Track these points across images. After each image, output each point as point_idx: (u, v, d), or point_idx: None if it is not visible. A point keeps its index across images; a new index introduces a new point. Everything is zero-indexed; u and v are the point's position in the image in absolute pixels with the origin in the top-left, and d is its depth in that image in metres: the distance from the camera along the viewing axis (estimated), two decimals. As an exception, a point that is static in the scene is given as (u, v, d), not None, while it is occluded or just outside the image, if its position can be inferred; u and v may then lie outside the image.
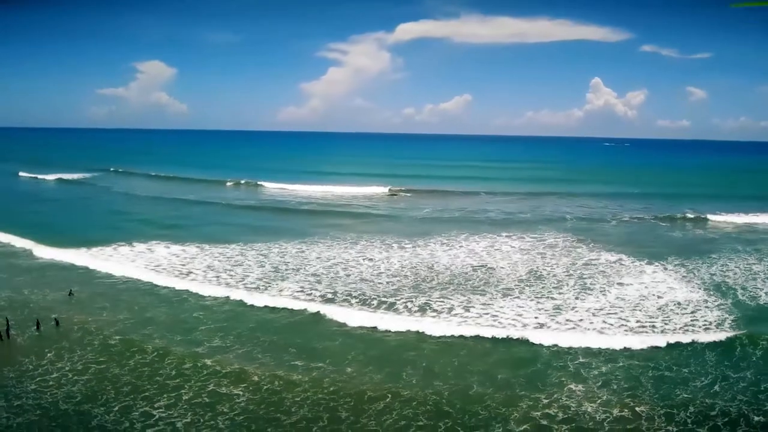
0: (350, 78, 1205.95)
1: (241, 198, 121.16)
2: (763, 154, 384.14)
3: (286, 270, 57.85)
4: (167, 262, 60.47)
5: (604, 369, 35.65)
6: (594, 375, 34.83)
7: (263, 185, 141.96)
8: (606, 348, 38.60)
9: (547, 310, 46.23)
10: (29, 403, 30.67)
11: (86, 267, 58.58)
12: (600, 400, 31.46)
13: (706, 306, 47.12)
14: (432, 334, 41.38)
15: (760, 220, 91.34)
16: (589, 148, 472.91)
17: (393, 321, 43.77)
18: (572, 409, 30.61)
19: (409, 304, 47.67)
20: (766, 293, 51.13)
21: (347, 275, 56.36)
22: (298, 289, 51.55)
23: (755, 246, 70.96)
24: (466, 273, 57.37)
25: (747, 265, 61.17)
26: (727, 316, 44.84)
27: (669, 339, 40.00)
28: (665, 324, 43.14)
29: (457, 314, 45.39)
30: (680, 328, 42.26)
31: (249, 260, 61.44)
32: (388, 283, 53.97)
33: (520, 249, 68.63)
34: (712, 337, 40.44)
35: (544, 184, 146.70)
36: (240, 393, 32.25)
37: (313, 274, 56.37)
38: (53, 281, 53.44)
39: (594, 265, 60.61)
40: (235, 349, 38.55)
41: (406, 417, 29.86)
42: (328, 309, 46.35)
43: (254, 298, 48.81)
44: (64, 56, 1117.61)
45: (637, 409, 30.50)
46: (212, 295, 50.06)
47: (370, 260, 62.20)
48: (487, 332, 41.51)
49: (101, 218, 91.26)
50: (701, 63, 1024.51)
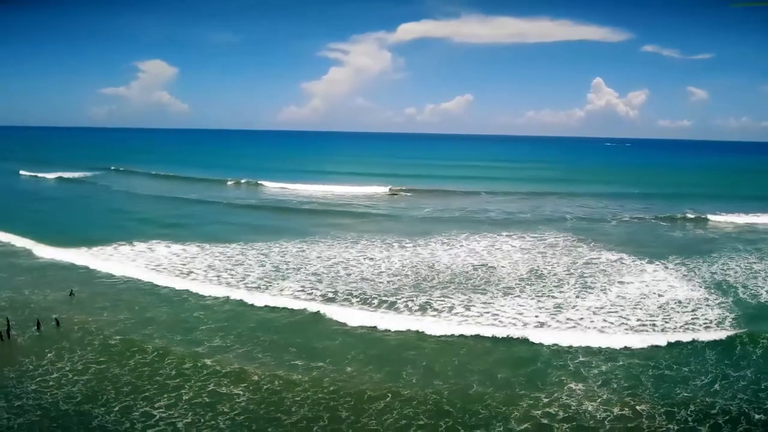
0: (351, 78, 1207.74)
1: (241, 197, 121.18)
2: (764, 154, 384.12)
3: (286, 269, 57.86)
4: (168, 261, 60.49)
5: (605, 368, 35.64)
6: (594, 374, 34.81)
7: (264, 184, 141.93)
8: (606, 347, 38.56)
9: (547, 309, 46.23)
10: (30, 404, 30.67)
11: (87, 266, 58.57)
12: (600, 399, 31.44)
13: (707, 304, 47.13)
14: (432, 333, 41.34)
15: (760, 220, 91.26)
16: (590, 148, 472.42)
17: (393, 320, 43.75)
18: (572, 408, 30.59)
19: (410, 304, 47.66)
20: (767, 292, 51.13)
21: (348, 274, 56.36)
22: (299, 289, 51.55)
23: (756, 245, 70.91)
24: (466, 272, 57.35)
25: (747, 264, 61.15)
26: (727, 314, 44.86)
27: (669, 338, 39.99)
28: (666, 322, 43.15)
29: (457, 313, 45.38)
30: (681, 327, 42.27)
31: (250, 260, 61.44)
32: (388, 282, 53.96)
33: (521, 248, 68.60)
34: (712, 335, 40.42)
35: (545, 184, 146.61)
36: (240, 393, 32.24)
37: (314, 274, 56.37)
38: (54, 281, 53.43)
39: (594, 264, 60.58)
40: (236, 349, 38.54)
41: (406, 416, 29.85)
42: (329, 308, 46.34)
43: (255, 298, 48.78)
44: (65, 56, 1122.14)
45: (637, 407, 30.48)
46: (213, 294, 50.03)
47: (371, 259, 62.19)
48: (488, 331, 41.51)
49: (102, 217, 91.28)
50: (702, 63, 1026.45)
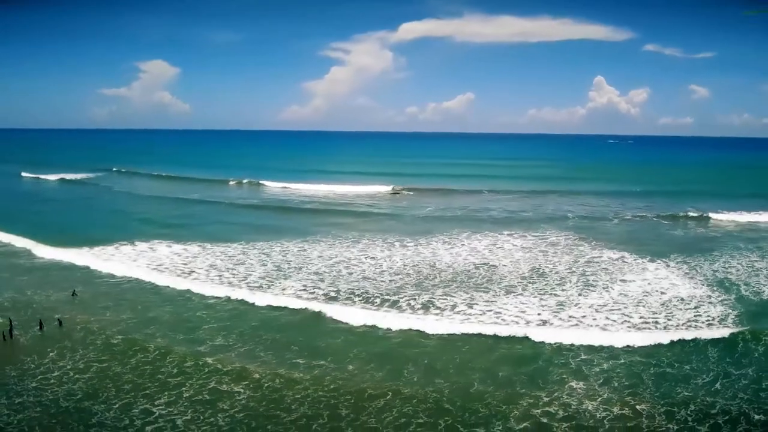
0: (353, 77, 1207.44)
1: (243, 197, 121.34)
2: (766, 151, 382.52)
3: (288, 269, 57.88)
4: (170, 261, 60.56)
5: (606, 366, 35.56)
6: (595, 372, 34.73)
7: (266, 184, 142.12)
8: (608, 345, 38.46)
9: (549, 307, 46.17)
10: (30, 401, 30.75)
11: (88, 267, 58.65)
12: (601, 398, 31.36)
13: (709, 302, 47.02)
14: (434, 331, 41.30)
15: (762, 218, 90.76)
16: (592, 145, 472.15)
17: (395, 319, 43.72)
18: (573, 407, 30.53)
19: (412, 302, 47.63)
20: (769, 290, 50.96)
21: (349, 274, 56.36)
22: (301, 288, 51.57)
23: (757, 244, 70.65)
24: (468, 271, 57.32)
25: (749, 262, 60.96)
26: (730, 312, 44.76)
27: (672, 335, 39.86)
28: (668, 320, 43.08)
29: (459, 312, 45.34)
30: (683, 324, 42.19)
31: (251, 259, 61.48)
32: (390, 281, 53.94)
33: (523, 247, 68.54)
34: (715, 333, 40.28)
35: (547, 182, 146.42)
36: (241, 391, 32.27)
37: (315, 273, 56.38)
38: (56, 281, 53.54)
39: (596, 262, 60.49)
40: (237, 348, 38.57)
41: (406, 414, 29.84)
42: (330, 307, 46.34)
43: (256, 297, 48.79)
44: (65, 56, 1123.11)
45: (637, 407, 30.39)
46: (214, 294, 50.07)
47: (373, 259, 62.18)
48: (490, 329, 41.47)
49: (103, 218, 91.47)
50: (704, 62, 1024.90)
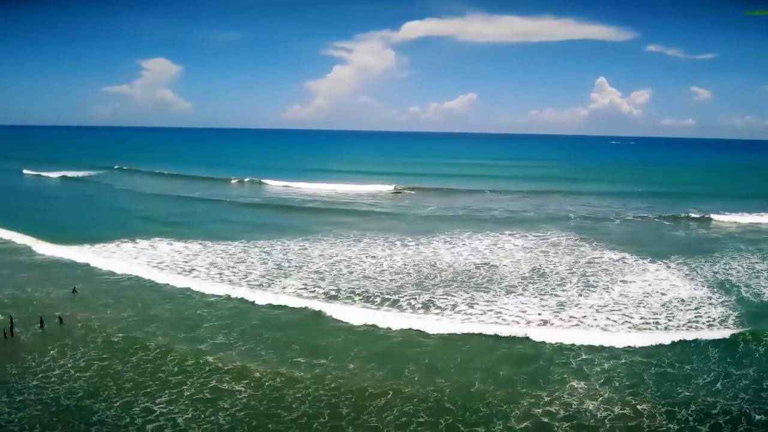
0: (355, 76, 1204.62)
1: (245, 196, 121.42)
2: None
3: (289, 267, 57.90)
4: (170, 259, 60.61)
5: (607, 366, 35.57)
6: (596, 372, 34.74)
7: (267, 183, 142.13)
8: (609, 345, 38.47)
9: (550, 307, 46.17)
10: (31, 399, 30.78)
11: (89, 264, 58.72)
12: (601, 398, 31.37)
13: (710, 303, 47.00)
14: (435, 331, 41.33)
15: (763, 219, 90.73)
16: (594, 146, 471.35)
17: (395, 318, 43.74)
18: (573, 406, 30.53)
19: (412, 302, 47.64)
20: (770, 291, 50.92)
21: (350, 273, 56.36)
22: (301, 287, 51.59)
23: (758, 245, 70.60)
24: (469, 270, 57.31)
25: (750, 263, 60.91)
26: (730, 313, 44.75)
27: (672, 336, 39.90)
28: (669, 321, 43.07)
29: (460, 311, 45.35)
30: (684, 325, 42.20)
31: (252, 257, 61.50)
32: (390, 280, 53.94)
33: (524, 247, 68.52)
34: (715, 334, 40.30)
35: (549, 183, 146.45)
36: (242, 389, 32.29)
37: (316, 272, 56.38)
38: (57, 278, 53.57)
39: (597, 263, 60.46)
40: (238, 346, 38.59)
41: (406, 413, 29.86)
42: (331, 306, 46.37)
43: (257, 296, 48.80)
44: (68, 55, 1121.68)
45: (638, 407, 30.40)
46: (215, 292, 50.08)
47: (373, 258, 62.18)
48: (490, 329, 41.48)
49: (105, 216, 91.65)
50: (706, 63, 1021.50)
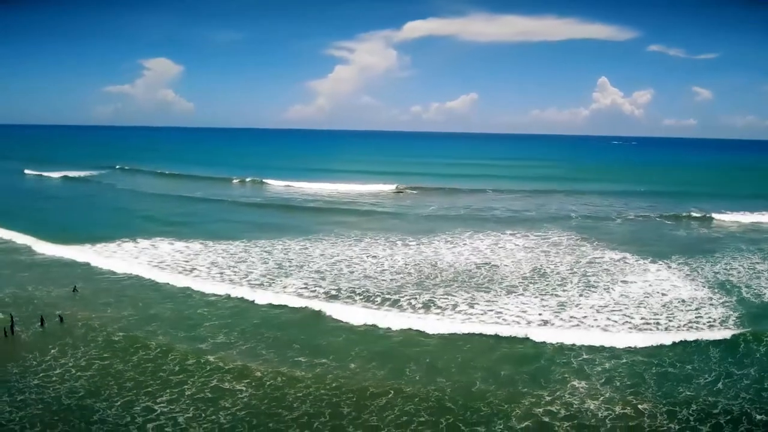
0: (357, 76, 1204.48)
1: (246, 195, 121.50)
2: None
3: (289, 267, 57.91)
4: (171, 258, 60.64)
5: (608, 366, 35.56)
6: (597, 372, 34.73)
7: (269, 183, 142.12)
8: (609, 345, 38.44)
9: (551, 307, 46.13)
10: (32, 398, 30.80)
11: (89, 263, 58.76)
12: (602, 398, 31.36)
13: (711, 303, 46.94)
14: (435, 330, 41.32)
15: (765, 219, 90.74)
16: (596, 146, 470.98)
17: (396, 318, 43.73)
18: (574, 406, 30.53)
19: (413, 301, 47.63)
20: (772, 291, 50.86)
21: (351, 272, 56.37)
22: (302, 286, 51.60)
23: (759, 245, 70.53)
24: (469, 270, 57.30)
25: (751, 263, 60.83)
26: (731, 313, 44.68)
27: (673, 336, 39.84)
28: (669, 321, 43.02)
29: (460, 311, 45.33)
30: (684, 326, 42.13)
31: (253, 257, 61.52)
32: (391, 280, 53.95)
33: (525, 247, 68.49)
34: (716, 334, 40.24)
35: (550, 182, 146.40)
36: (243, 389, 32.31)
37: (317, 271, 56.40)
38: (57, 278, 53.62)
39: (598, 263, 60.42)
40: (239, 346, 38.61)
41: (407, 413, 29.86)
42: (332, 306, 46.38)
43: (258, 295, 48.79)
44: (69, 55, 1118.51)
45: (639, 406, 30.39)
46: (216, 291, 50.10)
47: (374, 257, 62.19)
48: (491, 329, 41.46)
49: (106, 215, 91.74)
50: (707, 63, 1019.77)
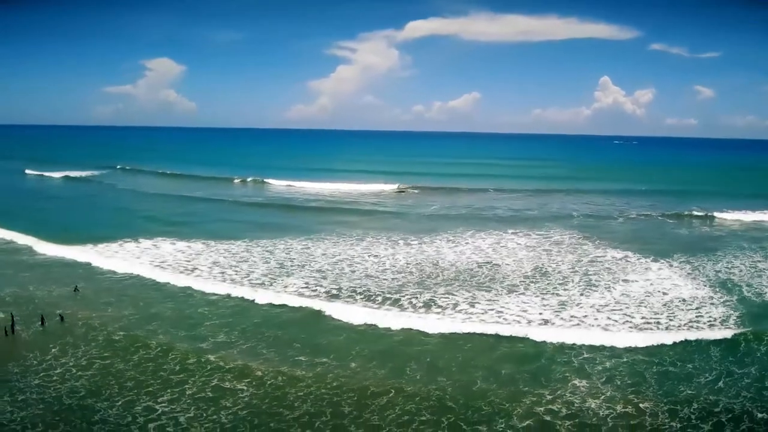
0: (359, 76, 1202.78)
1: (248, 195, 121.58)
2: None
3: (291, 266, 57.92)
4: (173, 258, 60.67)
5: (609, 364, 35.53)
6: (598, 371, 34.71)
7: (270, 182, 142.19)
8: (610, 344, 38.39)
9: (551, 307, 46.10)
10: (33, 398, 30.84)
11: (90, 263, 58.81)
12: (603, 396, 31.34)
13: (711, 303, 46.87)
14: (436, 330, 41.30)
15: (766, 218, 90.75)
16: (597, 146, 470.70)
17: (397, 317, 43.74)
18: (576, 405, 30.51)
19: (414, 301, 47.62)
20: (773, 290, 50.77)
21: (352, 271, 56.37)
22: (303, 286, 51.61)
23: (761, 244, 70.49)
24: (471, 269, 57.27)
25: (752, 262, 60.80)
26: (732, 312, 44.62)
27: (674, 336, 39.81)
28: (670, 320, 42.97)
29: (461, 310, 45.32)
30: (685, 325, 42.08)
31: (254, 256, 61.54)
32: (392, 279, 53.93)
33: (526, 246, 68.45)
34: (717, 333, 40.18)
35: (552, 182, 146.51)
36: (244, 388, 32.32)
37: (318, 271, 56.40)
38: (58, 277, 53.68)
39: (599, 262, 60.38)
40: (240, 345, 38.63)
41: (408, 412, 29.85)
42: (333, 305, 46.39)
43: (259, 294, 48.79)
44: (70, 55, 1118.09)
45: (640, 405, 30.37)
46: (217, 291, 50.12)
47: (376, 257, 62.17)
48: (492, 328, 41.44)
49: (107, 215, 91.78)
50: (709, 62, 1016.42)
